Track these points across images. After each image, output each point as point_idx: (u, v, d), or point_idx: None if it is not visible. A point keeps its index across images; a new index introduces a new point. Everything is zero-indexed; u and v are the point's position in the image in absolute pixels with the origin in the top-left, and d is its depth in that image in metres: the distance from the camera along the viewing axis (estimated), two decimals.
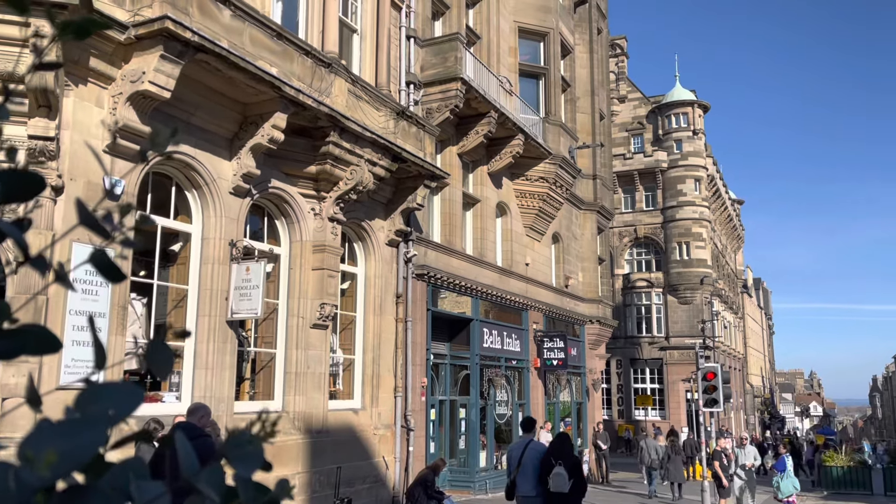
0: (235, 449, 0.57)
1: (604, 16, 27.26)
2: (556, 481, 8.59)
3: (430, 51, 15.47)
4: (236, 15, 9.42)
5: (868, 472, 22.43)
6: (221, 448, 0.58)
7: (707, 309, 40.35)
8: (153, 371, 0.66)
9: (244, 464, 0.55)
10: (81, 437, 0.47)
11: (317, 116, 10.77)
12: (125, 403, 0.51)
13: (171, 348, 0.67)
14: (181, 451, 0.54)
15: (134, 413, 0.55)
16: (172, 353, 0.68)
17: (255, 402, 11.32)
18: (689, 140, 42.79)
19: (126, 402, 0.51)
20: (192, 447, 0.57)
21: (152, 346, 0.63)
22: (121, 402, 0.51)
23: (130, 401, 0.53)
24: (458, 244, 16.44)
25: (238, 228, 10.41)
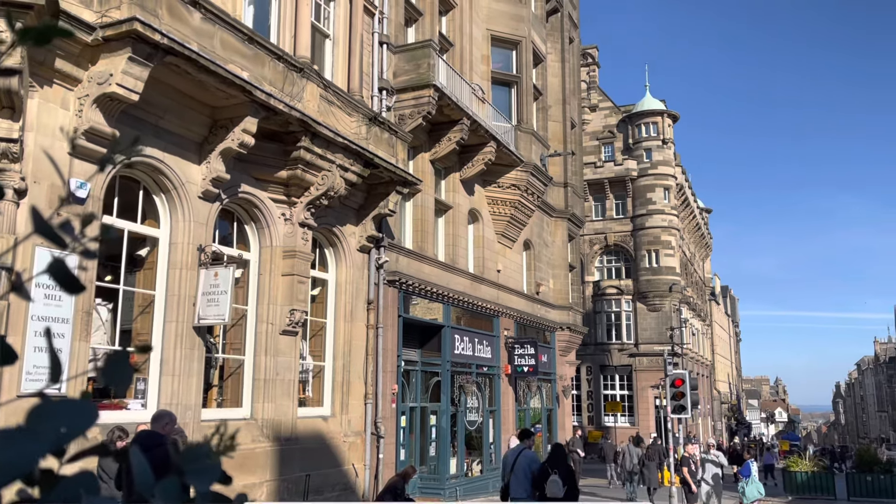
0: (192, 463, 0.56)
1: (575, 25, 27.54)
2: (551, 487, 9.33)
3: (402, 57, 15.49)
4: (207, 18, 9.33)
5: (831, 478, 22.85)
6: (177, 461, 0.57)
7: (675, 316, 40.85)
8: (110, 386, 0.65)
9: (201, 478, 0.54)
10: (22, 448, 0.46)
11: (288, 121, 10.70)
12: (78, 421, 0.50)
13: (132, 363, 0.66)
14: (135, 463, 0.53)
15: (87, 431, 0.54)
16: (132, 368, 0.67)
17: (224, 409, 11.18)
18: (658, 149, 43.36)
19: (79, 420, 0.50)
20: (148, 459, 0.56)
21: (110, 361, 0.61)
22: (73, 419, 0.50)
23: (83, 419, 0.52)
24: (430, 251, 16.44)
25: (207, 233, 10.29)
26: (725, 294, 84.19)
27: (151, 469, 0.58)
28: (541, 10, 22.57)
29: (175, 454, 0.56)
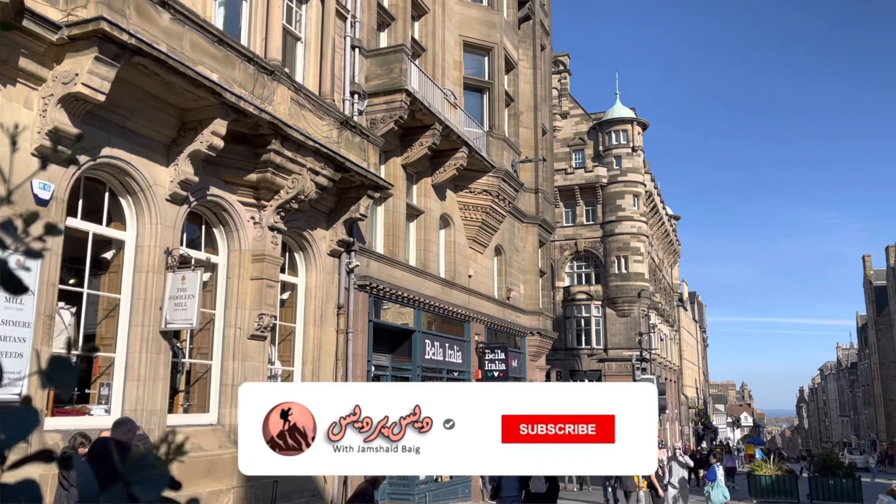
0: (138, 472, 0.54)
1: (547, 33, 27.76)
2: (535, 484, 10.69)
3: (375, 61, 15.46)
4: (176, 19, 9.22)
5: (795, 481, 23.25)
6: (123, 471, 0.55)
7: (644, 322, 41.30)
8: (55, 390, 0.63)
9: (147, 487, 0.53)
10: None
11: (258, 124, 10.61)
12: (18, 428, 0.48)
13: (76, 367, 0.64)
14: (79, 472, 0.52)
15: (27, 437, 0.52)
16: (77, 371, 0.65)
17: (190, 414, 11.01)
18: (628, 157, 43.86)
19: (19, 427, 0.48)
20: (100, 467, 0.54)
21: (53, 364, 0.59)
22: (13, 426, 0.48)
23: (24, 425, 0.50)
24: (402, 255, 16.41)
25: (174, 236, 10.15)
26: (693, 300, 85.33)
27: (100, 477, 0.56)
28: (513, 18, 22.71)
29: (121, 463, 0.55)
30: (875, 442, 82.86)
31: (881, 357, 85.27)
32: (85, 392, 9.64)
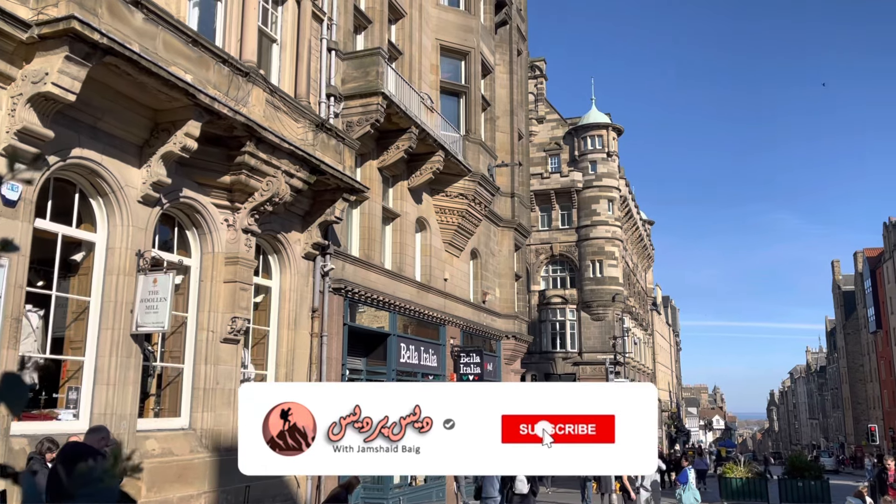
0: (85, 486, 0.54)
1: (524, 38, 27.91)
2: (517, 485, 11.69)
3: (351, 64, 15.42)
4: (149, 18, 9.12)
5: (765, 483, 23.58)
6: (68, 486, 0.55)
7: (618, 325, 41.63)
8: (6, 407, 0.63)
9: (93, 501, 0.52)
10: None
11: (232, 126, 10.53)
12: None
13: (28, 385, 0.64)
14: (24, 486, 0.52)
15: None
16: (28, 387, 0.64)
17: (161, 419, 10.88)
18: (603, 162, 44.22)
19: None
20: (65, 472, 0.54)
21: (5, 382, 0.59)
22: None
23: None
24: (377, 258, 16.37)
25: (146, 238, 10.03)
26: (667, 304, 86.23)
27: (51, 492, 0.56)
28: (490, 22, 22.80)
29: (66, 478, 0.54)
30: (843, 445, 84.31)
31: (849, 361, 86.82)
32: (53, 396, 9.48)
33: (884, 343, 71.37)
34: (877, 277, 71.08)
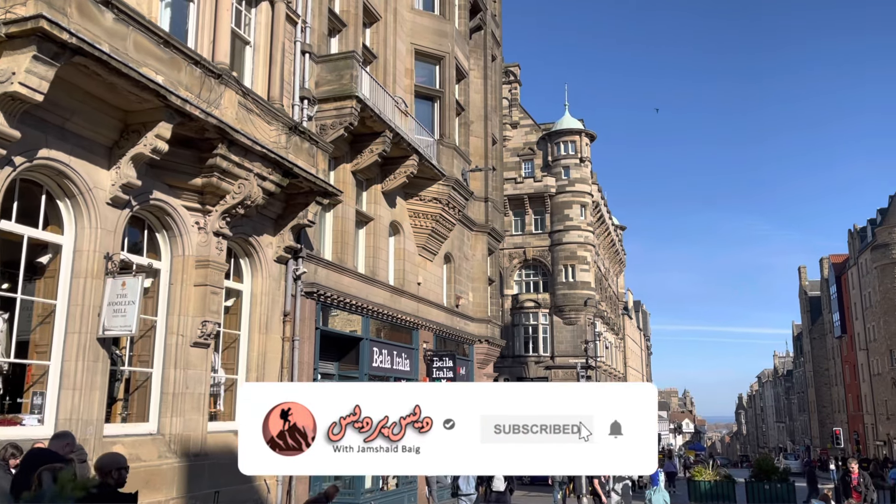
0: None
1: (498, 43, 28.06)
2: (495, 483, 13.08)
3: (325, 67, 15.38)
4: (120, 18, 9.01)
5: (732, 486, 23.92)
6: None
7: (590, 330, 41.93)
8: None
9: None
10: None
11: (204, 128, 10.43)
12: None
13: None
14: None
15: None
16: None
17: (129, 424, 10.72)
18: (576, 167, 44.58)
19: None
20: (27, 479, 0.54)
21: None
22: None
23: None
24: (350, 262, 16.32)
25: (115, 241, 9.89)
26: (638, 309, 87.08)
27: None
28: (464, 27, 22.89)
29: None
30: (809, 448, 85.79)
31: (815, 365, 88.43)
32: (17, 401, 9.30)
33: (848, 348, 72.83)
34: (842, 283, 72.56)
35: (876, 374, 62.86)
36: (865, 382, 66.46)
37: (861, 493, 17.50)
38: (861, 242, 65.85)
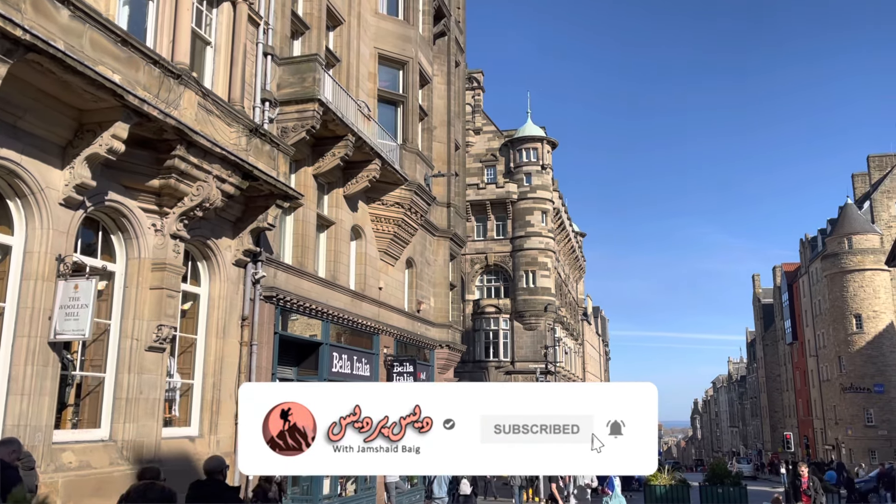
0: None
1: (462, 49, 28.19)
2: (461, 487, 14.71)
3: (287, 70, 15.26)
4: (76, 16, 8.82)
5: (686, 490, 24.34)
6: None
7: (550, 335, 42.30)
8: None
9: None
10: None
11: (163, 129, 10.26)
12: None
13: None
14: None
15: None
16: None
17: (79, 430, 10.45)
18: (537, 174, 45.00)
19: None
20: None
21: None
22: None
23: None
24: (311, 266, 16.19)
25: (67, 242, 9.65)
26: (597, 314, 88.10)
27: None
28: (428, 33, 22.95)
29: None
30: (761, 452, 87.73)
31: (767, 371, 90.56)
32: None
33: (799, 354, 74.78)
34: (794, 291, 74.50)
35: (825, 380, 64.65)
36: (815, 388, 68.29)
37: (810, 497, 17.98)
38: (812, 252, 67.76)
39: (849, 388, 56.54)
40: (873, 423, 56.21)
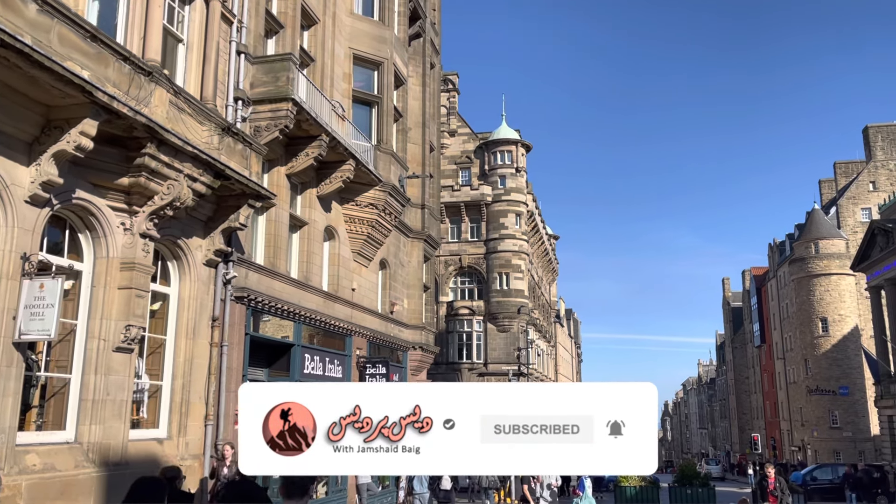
0: None
1: (437, 51, 28.22)
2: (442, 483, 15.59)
3: (261, 68, 15.14)
4: (44, 10, 8.67)
5: (656, 490, 24.62)
6: None
7: (523, 337, 42.48)
8: None
9: None
10: None
11: (133, 126, 10.11)
12: None
13: None
14: None
15: None
16: None
17: (44, 432, 10.25)
18: (512, 176, 45.20)
19: None
20: None
21: None
22: None
23: None
24: (283, 267, 16.08)
25: (33, 241, 9.47)
26: (569, 317, 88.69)
27: None
28: (403, 34, 22.94)
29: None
30: (729, 453, 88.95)
31: (736, 374, 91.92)
32: None
33: (767, 357, 76.02)
34: (762, 295, 75.73)
35: (792, 383, 65.79)
36: (782, 390, 69.47)
37: (777, 497, 18.26)
38: (780, 256, 68.96)
39: (814, 391, 57.62)
40: (838, 424, 57.35)
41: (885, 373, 42.40)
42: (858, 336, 56.55)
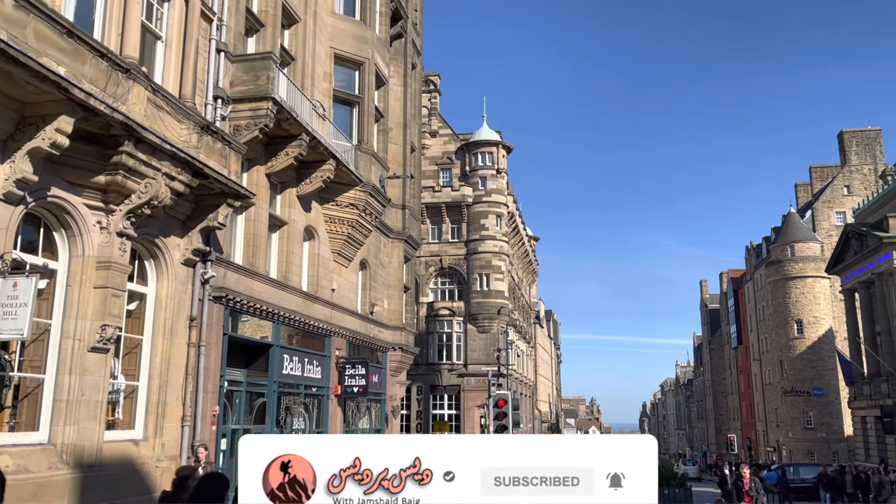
0: None
1: (419, 52, 28.20)
2: None
3: (241, 67, 15.04)
4: (20, 5, 8.54)
5: None
6: None
7: (502, 338, 42.55)
8: None
9: None
10: None
11: (110, 124, 10.00)
12: None
13: None
14: None
15: None
16: None
17: (16, 433, 10.09)
18: (492, 178, 45.27)
19: None
20: None
21: None
22: None
23: None
24: (262, 267, 15.97)
25: (7, 239, 9.32)
26: (549, 318, 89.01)
27: None
28: (385, 34, 22.90)
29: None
30: (706, 453, 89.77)
31: (713, 375, 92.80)
32: None
33: (743, 358, 76.85)
34: (739, 297, 76.54)
35: (767, 384, 66.56)
36: (758, 391, 70.27)
37: (752, 497, 18.46)
38: (757, 259, 69.74)
39: (790, 392, 58.33)
40: (812, 425, 58.11)
41: (859, 374, 43.05)
42: (833, 338, 57.36)
